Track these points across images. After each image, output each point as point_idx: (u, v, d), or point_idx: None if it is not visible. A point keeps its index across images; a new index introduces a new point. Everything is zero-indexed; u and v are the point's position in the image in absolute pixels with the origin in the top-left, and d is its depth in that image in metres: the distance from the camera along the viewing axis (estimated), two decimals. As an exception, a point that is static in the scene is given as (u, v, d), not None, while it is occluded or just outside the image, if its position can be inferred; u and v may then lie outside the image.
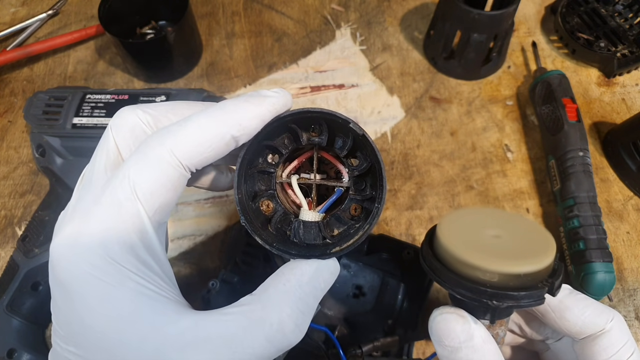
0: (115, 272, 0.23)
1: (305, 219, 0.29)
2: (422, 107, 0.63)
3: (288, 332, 0.24)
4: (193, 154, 0.24)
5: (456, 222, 0.29)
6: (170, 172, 0.24)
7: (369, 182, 0.29)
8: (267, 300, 0.25)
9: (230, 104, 0.25)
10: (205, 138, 0.24)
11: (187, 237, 0.54)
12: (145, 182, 0.23)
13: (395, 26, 0.70)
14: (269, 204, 0.30)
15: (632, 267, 0.52)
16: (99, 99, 0.53)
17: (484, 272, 0.25)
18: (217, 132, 0.25)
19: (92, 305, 0.22)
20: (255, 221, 0.28)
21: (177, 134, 0.24)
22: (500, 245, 0.27)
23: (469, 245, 0.26)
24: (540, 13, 0.71)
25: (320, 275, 0.27)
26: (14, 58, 0.65)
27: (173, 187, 0.24)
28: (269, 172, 0.29)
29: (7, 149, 0.60)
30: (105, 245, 0.23)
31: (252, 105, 0.25)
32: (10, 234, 0.55)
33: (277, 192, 0.30)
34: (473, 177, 0.58)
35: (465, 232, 0.28)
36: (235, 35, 0.69)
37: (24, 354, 0.45)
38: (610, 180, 0.57)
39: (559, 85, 0.58)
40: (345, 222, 0.29)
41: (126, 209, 0.23)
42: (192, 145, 0.24)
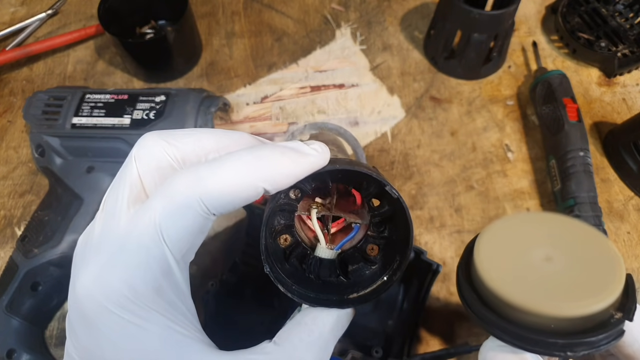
0: (142, 312, 0.23)
1: (322, 255, 0.28)
2: (422, 107, 0.63)
3: None
4: (222, 204, 0.24)
5: (495, 243, 0.24)
6: (198, 220, 0.24)
7: (389, 225, 0.28)
8: (292, 351, 0.25)
9: (266, 155, 0.24)
10: (236, 189, 0.24)
11: (186, 237, 0.54)
12: (172, 229, 0.23)
13: (395, 26, 0.70)
14: (287, 237, 0.29)
15: (633, 267, 0.52)
16: (99, 98, 0.53)
17: (547, 319, 0.21)
18: (249, 185, 0.24)
19: (117, 343, 0.22)
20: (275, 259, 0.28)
21: (207, 181, 0.23)
22: (557, 275, 0.22)
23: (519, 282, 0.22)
24: (541, 13, 0.71)
25: (340, 323, 0.28)
26: (14, 58, 0.65)
27: (200, 232, 0.25)
28: (291, 209, 0.29)
29: (7, 149, 0.60)
30: (132, 288, 0.23)
31: (289, 162, 0.25)
32: (10, 234, 0.54)
33: (294, 224, 0.29)
34: (473, 177, 0.58)
35: (509, 258, 0.23)
36: (235, 35, 0.69)
37: (23, 354, 0.45)
38: (610, 180, 0.57)
39: (560, 85, 0.58)
40: (360, 260, 0.29)
41: (153, 254, 0.23)
42: (222, 195, 0.23)
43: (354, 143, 0.46)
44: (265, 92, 0.64)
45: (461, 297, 0.25)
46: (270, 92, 0.64)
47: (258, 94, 0.64)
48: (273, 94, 0.64)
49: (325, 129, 0.46)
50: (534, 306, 0.21)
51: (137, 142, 0.26)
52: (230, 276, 0.46)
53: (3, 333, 0.45)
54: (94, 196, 0.51)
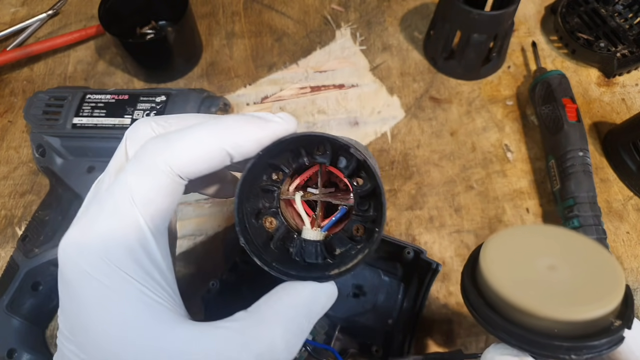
0: (116, 275, 0.23)
1: (307, 237, 0.29)
2: (422, 107, 0.63)
3: (278, 352, 0.25)
4: (187, 165, 0.25)
5: (501, 250, 0.25)
6: (164, 181, 0.25)
7: (373, 204, 0.29)
8: (260, 319, 0.25)
9: (231, 121, 0.26)
10: (200, 151, 0.25)
11: (187, 237, 0.54)
12: (141, 189, 0.24)
13: (395, 26, 0.70)
14: (272, 220, 0.29)
15: (632, 267, 0.52)
16: (99, 99, 0.53)
17: (552, 323, 0.21)
18: (212, 147, 0.25)
19: (92, 308, 0.23)
20: (257, 240, 0.28)
21: (173, 143, 0.25)
22: (560, 282, 0.23)
23: (525, 286, 0.22)
24: (540, 13, 0.71)
25: (316, 298, 0.27)
26: (14, 58, 0.65)
27: (168, 194, 0.25)
28: (273, 190, 0.29)
29: (7, 149, 0.60)
30: (106, 248, 0.23)
31: (253, 127, 0.26)
32: (10, 234, 0.55)
33: (281, 208, 0.30)
34: (473, 177, 0.58)
35: (515, 265, 0.24)
36: (235, 35, 0.69)
37: (24, 354, 0.45)
38: (610, 180, 0.57)
39: (559, 85, 0.58)
40: (346, 242, 0.29)
41: (125, 214, 0.24)
42: (186, 156, 0.25)
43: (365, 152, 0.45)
44: (266, 92, 0.65)
45: (467, 301, 0.25)
46: (270, 92, 0.64)
47: (258, 94, 0.64)
48: (273, 94, 0.64)
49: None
50: (539, 309, 0.21)
51: (131, 126, 0.28)
52: (230, 276, 0.46)
53: (4, 333, 0.46)
54: (94, 196, 0.51)
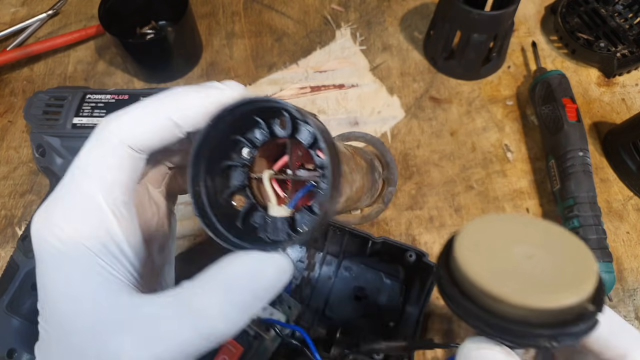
0: (73, 245, 0.24)
1: (272, 214, 0.28)
2: (422, 107, 0.63)
3: (213, 320, 0.24)
4: (134, 134, 0.25)
5: (476, 239, 0.25)
6: (116, 153, 0.25)
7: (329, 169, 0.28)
8: (199, 287, 0.24)
9: (177, 90, 0.26)
10: (145, 119, 0.26)
11: (187, 237, 0.54)
12: (93, 162, 0.25)
13: (395, 26, 0.70)
14: (241, 199, 0.29)
15: (632, 267, 0.52)
16: (99, 99, 0.53)
17: (531, 311, 0.21)
18: (158, 117, 0.26)
19: (49, 273, 0.24)
20: (224, 217, 0.28)
21: (121, 116, 0.26)
22: (539, 271, 0.23)
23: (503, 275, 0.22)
24: (540, 13, 0.71)
25: (262, 270, 0.25)
26: (14, 58, 0.65)
27: (123, 167, 0.25)
28: (242, 167, 0.29)
29: (7, 149, 0.60)
30: (65, 219, 0.24)
31: (196, 94, 0.26)
32: (10, 234, 0.55)
33: (252, 187, 0.30)
34: (473, 177, 0.58)
35: (491, 254, 0.24)
36: (235, 35, 0.69)
37: (24, 354, 0.45)
38: (610, 180, 0.57)
39: (559, 85, 0.58)
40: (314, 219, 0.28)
41: (80, 186, 0.25)
42: (133, 127, 0.25)
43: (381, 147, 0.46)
44: (266, 92, 0.64)
45: (442, 291, 0.25)
46: (270, 92, 0.64)
47: (258, 95, 0.64)
48: (273, 94, 0.64)
49: (352, 137, 0.47)
50: (519, 298, 0.21)
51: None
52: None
53: (4, 333, 0.46)
54: (94, 196, 0.51)
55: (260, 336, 0.35)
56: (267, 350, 0.37)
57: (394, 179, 0.42)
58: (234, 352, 0.31)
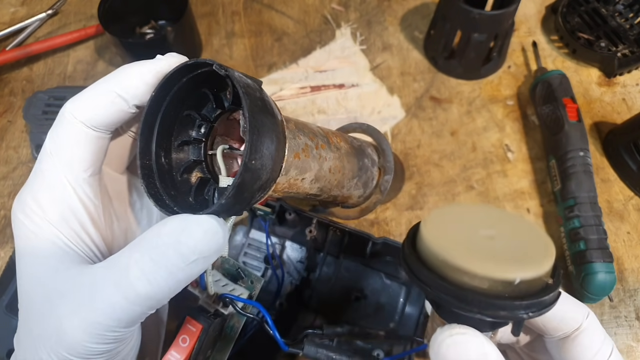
0: (39, 221, 0.26)
1: (221, 184, 0.28)
2: (422, 107, 0.63)
3: (133, 279, 0.23)
4: (86, 112, 0.27)
5: (442, 223, 0.26)
6: (73, 129, 0.27)
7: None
8: (127, 249, 0.25)
9: (123, 67, 0.28)
10: (94, 96, 0.27)
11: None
12: (53, 139, 0.27)
13: (395, 26, 0.70)
14: (197, 175, 0.30)
15: (633, 267, 0.52)
16: (99, 98, 0.53)
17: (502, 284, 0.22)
18: (103, 92, 0.27)
19: (19, 245, 0.27)
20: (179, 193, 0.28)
21: (76, 96, 0.28)
22: (502, 248, 0.24)
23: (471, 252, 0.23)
24: (541, 13, 0.71)
25: (189, 232, 0.24)
26: (14, 58, 0.65)
27: (82, 143, 0.27)
28: (198, 143, 0.30)
29: (7, 149, 0.60)
30: (36, 200, 0.26)
31: (136, 67, 0.27)
32: (10, 233, 0.54)
33: (208, 163, 0.30)
34: (473, 177, 0.58)
35: (457, 234, 0.25)
36: (235, 35, 0.69)
37: (23, 355, 0.45)
38: (610, 181, 0.57)
39: (560, 85, 0.58)
40: None
41: (43, 165, 0.27)
42: (83, 104, 0.27)
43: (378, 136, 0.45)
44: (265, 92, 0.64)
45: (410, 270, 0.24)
46: (270, 92, 0.64)
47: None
48: (273, 94, 0.64)
49: (349, 128, 0.47)
50: (487, 271, 0.22)
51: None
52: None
53: (3, 333, 0.46)
54: (94, 196, 0.51)
55: (220, 313, 0.34)
56: (234, 328, 0.36)
57: (390, 167, 0.42)
58: (193, 331, 0.31)
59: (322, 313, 0.47)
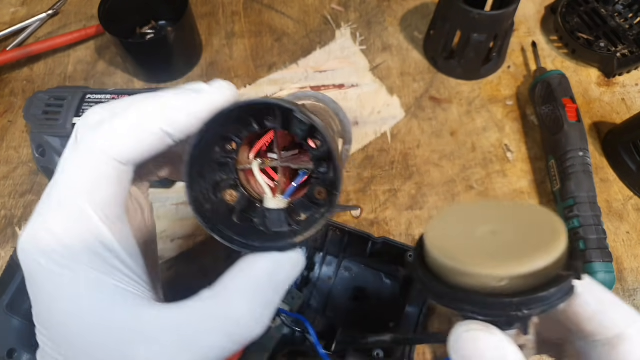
0: (72, 264, 0.23)
1: (269, 206, 0.28)
2: (422, 107, 0.63)
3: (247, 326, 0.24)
4: (123, 149, 0.24)
5: (443, 228, 0.26)
6: (104, 168, 0.24)
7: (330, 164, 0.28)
8: (225, 295, 0.24)
9: (162, 98, 0.25)
10: (134, 133, 0.24)
11: (187, 237, 0.54)
12: (82, 178, 0.23)
13: (395, 26, 0.70)
14: (232, 193, 0.28)
15: (632, 267, 0.52)
16: (99, 99, 0.53)
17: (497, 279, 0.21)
18: (147, 127, 0.24)
19: (51, 294, 0.23)
20: (218, 216, 0.27)
21: (106, 128, 0.24)
22: (503, 243, 0.23)
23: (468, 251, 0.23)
24: (540, 13, 0.71)
25: (281, 268, 0.26)
26: (14, 58, 0.65)
27: (112, 181, 0.24)
28: (228, 162, 0.28)
29: (7, 149, 0.60)
30: (60, 241, 0.23)
31: (187, 100, 0.25)
32: (10, 234, 0.55)
33: (241, 179, 0.29)
34: (473, 177, 0.58)
35: (458, 236, 0.25)
36: (235, 35, 0.69)
37: (24, 354, 0.45)
38: (610, 181, 0.57)
39: (559, 85, 0.58)
40: (309, 207, 0.28)
41: (70, 205, 0.23)
42: (120, 140, 0.24)
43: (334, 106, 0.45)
44: (266, 92, 0.64)
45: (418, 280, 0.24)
46: (270, 92, 0.64)
47: (258, 94, 0.64)
48: (273, 94, 0.64)
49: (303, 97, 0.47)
50: (483, 268, 0.21)
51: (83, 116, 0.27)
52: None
53: (4, 333, 0.46)
54: (94, 196, 0.51)
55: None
56: (272, 339, 0.38)
57: (350, 137, 0.42)
58: None
59: (322, 313, 0.47)
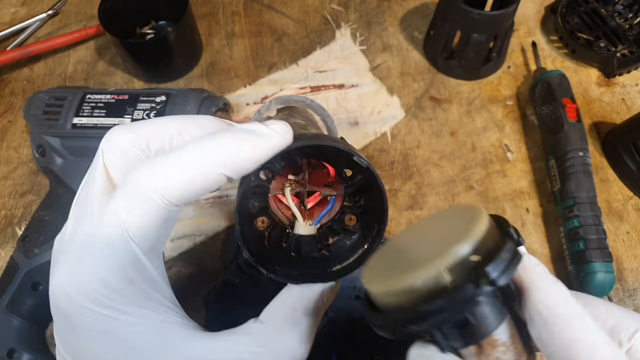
0: (117, 305, 0.23)
1: (300, 232, 0.28)
2: (422, 107, 0.63)
3: (299, 356, 0.26)
4: (182, 194, 0.24)
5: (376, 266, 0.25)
6: (160, 212, 0.24)
7: (364, 194, 0.28)
8: (277, 328, 0.26)
9: (223, 141, 0.24)
10: (196, 179, 0.24)
11: (187, 237, 0.54)
12: (136, 223, 0.23)
13: (395, 26, 0.70)
14: (264, 219, 0.28)
15: (632, 267, 0.52)
16: (99, 99, 0.53)
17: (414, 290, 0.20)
18: (208, 173, 0.24)
19: (98, 337, 0.23)
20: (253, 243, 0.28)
21: (165, 172, 0.23)
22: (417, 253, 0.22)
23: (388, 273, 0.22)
24: (540, 13, 0.71)
25: (324, 297, 0.28)
26: (14, 58, 0.65)
27: (164, 224, 0.24)
28: (262, 189, 0.28)
29: (7, 149, 0.60)
30: (103, 282, 0.23)
31: (249, 146, 0.24)
32: (10, 234, 0.55)
33: (270, 205, 0.29)
34: (473, 177, 0.58)
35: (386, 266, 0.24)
36: (235, 35, 0.69)
37: (24, 354, 0.45)
38: (610, 180, 0.57)
39: (559, 85, 0.58)
40: (338, 232, 0.29)
41: (120, 249, 0.23)
42: (180, 185, 0.23)
43: (322, 112, 0.46)
44: (266, 92, 0.64)
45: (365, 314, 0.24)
46: (270, 92, 0.64)
47: (258, 95, 0.64)
48: (273, 95, 0.64)
49: (291, 101, 0.47)
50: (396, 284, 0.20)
51: (104, 136, 0.26)
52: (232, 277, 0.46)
53: (4, 333, 0.46)
54: (94, 196, 0.51)
55: None
56: None
57: None
58: None
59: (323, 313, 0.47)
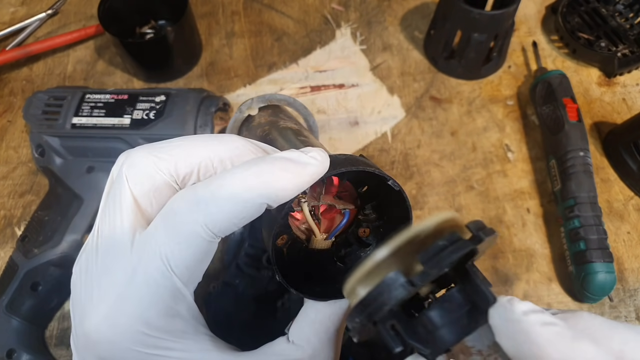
0: (161, 342, 0.23)
1: (317, 246, 0.29)
2: (422, 107, 0.63)
3: None
4: (226, 226, 0.23)
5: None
6: (204, 245, 0.24)
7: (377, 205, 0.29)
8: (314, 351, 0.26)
9: (266, 172, 0.23)
10: (239, 210, 0.23)
11: (187, 237, 0.54)
12: (179, 259, 0.23)
13: (395, 26, 0.70)
14: (284, 237, 0.29)
15: (633, 267, 0.52)
16: (99, 98, 0.53)
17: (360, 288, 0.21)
18: (252, 205, 0.23)
19: None
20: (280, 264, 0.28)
21: (209, 205, 0.23)
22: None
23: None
24: (541, 13, 0.71)
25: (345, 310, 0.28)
26: (13, 58, 0.65)
27: (206, 255, 0.24)
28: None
29: (7, 149, 0.60)
30: (147, 322, 0.23)
31: (292, 176, 0.24)
32: (10, 234, 0.54)
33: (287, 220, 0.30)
34: (473, 177, 0.58)
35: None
36: (235, 34, 0.69)
37: (23, 354, 0.45)
38: (611, 181, 0.57)
39: (560, 85, 0.58)
40: (351, 244, 0.29)
41: (163, 285, 0.23)
42: (224, 217, 0.23)
43: (305, 112, 0.46)
44: (265, 92, 0.64)
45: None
46: (270, 92, 0.64)
47: (258, 94, 0.64)
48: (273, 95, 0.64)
49: (273, 100, 0.46)
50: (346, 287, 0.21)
51: (123, 160, 0.25)
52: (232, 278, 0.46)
53: (3, 333, 0.45)
54: (94, 196, 0.51)
55: None
56: None
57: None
58: None
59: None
